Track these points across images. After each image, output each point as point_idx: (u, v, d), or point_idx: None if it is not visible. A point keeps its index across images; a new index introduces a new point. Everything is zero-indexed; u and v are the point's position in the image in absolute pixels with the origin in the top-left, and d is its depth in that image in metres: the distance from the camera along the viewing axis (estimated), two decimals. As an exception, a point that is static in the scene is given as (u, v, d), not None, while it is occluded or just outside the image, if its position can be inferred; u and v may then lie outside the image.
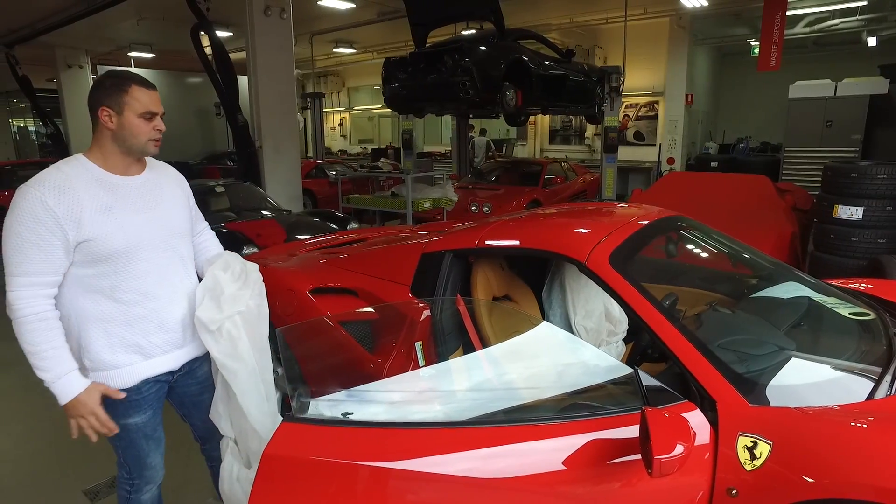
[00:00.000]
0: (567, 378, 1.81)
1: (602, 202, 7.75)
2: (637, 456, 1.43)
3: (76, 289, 1.65)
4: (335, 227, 5.86)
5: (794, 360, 1.81)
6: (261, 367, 1.81)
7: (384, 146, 17.25)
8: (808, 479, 1.37)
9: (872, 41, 11.52)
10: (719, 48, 14.28)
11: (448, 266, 2.40)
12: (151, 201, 1.76)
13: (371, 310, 2.60)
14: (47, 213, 1.55)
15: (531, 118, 13.37)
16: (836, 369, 1.82)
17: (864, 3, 10.06)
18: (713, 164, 11.87)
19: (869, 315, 2.18)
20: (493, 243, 2.39)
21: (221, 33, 8.41)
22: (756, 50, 10.47)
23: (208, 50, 7.88)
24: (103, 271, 1.65)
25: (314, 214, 6.78)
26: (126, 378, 1.72)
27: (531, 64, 7.07)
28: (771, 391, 1.63)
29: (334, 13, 11.20)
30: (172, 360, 1.82)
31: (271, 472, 1.47)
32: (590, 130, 14.27)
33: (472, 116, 10.29)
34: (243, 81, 7.95)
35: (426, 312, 2.27)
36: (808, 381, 1.74)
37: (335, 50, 15.36)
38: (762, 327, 2.09)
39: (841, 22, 11.01)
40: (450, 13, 7.51)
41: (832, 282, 2.65)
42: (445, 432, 1.56)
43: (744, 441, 1.49)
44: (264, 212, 6.44)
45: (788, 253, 4.61)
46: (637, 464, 1.44)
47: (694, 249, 2.73)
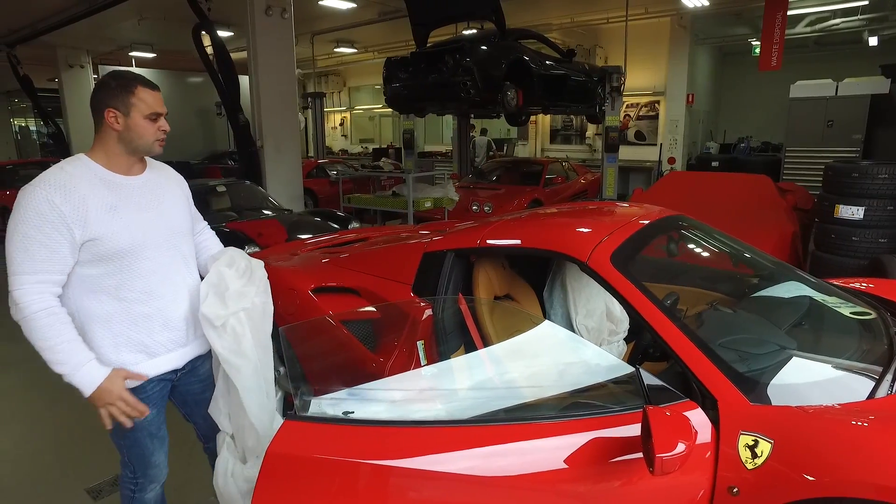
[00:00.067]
0: (568, 377, 1.81)
1: (603, 202, 7.75)
2: (639, 454, 1.44)
3: (80, 289, 1.65)
4: (336, 227, 5.87)
5: (796, 360, 1.81)
6: (263, 365, 1.81)
7: (385, 146, 17.25)
8: (809, 478, 1.37)
9: (874, 41, 11.50)
10: (720, 48, 14.27)
11: (450, 265, 2.40)
12: (154, 200, 1.77)
13: (373, 309, 2.60)
14: (54, 212, 1.55)
15: (532, 118, 13.36)
16: (837, 368, 1.82)
17: (866, 3, 10.05)
18: (714, 164, 11.88)
19: (870, 314, 2.18)
20: (495, 243, 2.39)
21: (222, 33, 8.43)
22: (757, 49, 10.47)
23: (209, 50, 7.90)
24: (108, 270, 1.66)
25: (315, 214, 6.79)
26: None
27: (532, 64, 7.08)
28: (772, 390, 1.64)
29: (335, 13, 11.21)
30: (176, 359, 1.82)
31: (275, 470, 1.47)
32: (591, 130, 14.27)
33: (473, 116, 10.29)
34: (244, 81, 7.98)
35: (428, 311, 2.27)
36: (810, 380, 1.74)
37: (336, 50, 15.36)
38: (763, 326, 2.09)
39: (842, 21, 11.00)
40: (451, 13, 7.50)
41: (833, 281, 2.66)
42: (447, 431, 1.56)
43: (745, 439, 1.49)
44: (265, 211, 6.46)
45: (789, 253, 4.61)
46: (639, 462, 1.44)
47: (695, 249, 2.73)
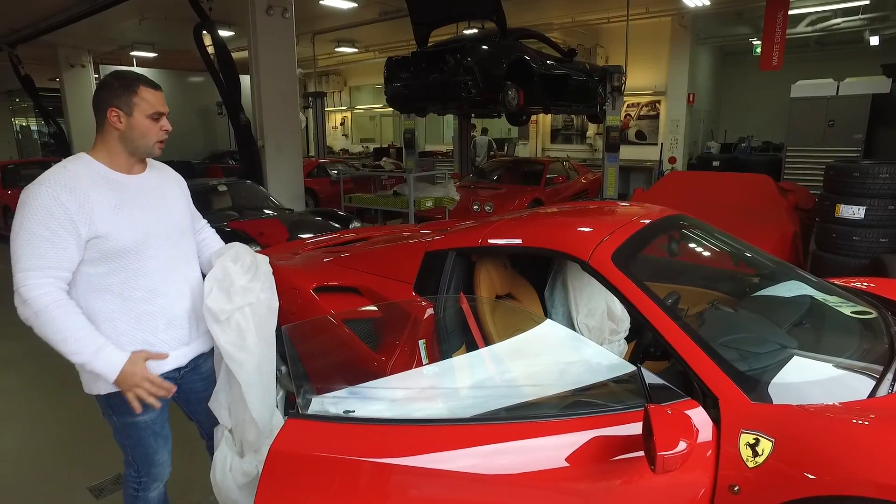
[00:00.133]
0: (570, 376, 1.82)
1: (604, 201, 7.75)
2: (640, 453, 1.44)
3: (85, 289, 1.66)
4: (337, 226, 5.87)
5: (797, 359, 1.82)
6: (266, 360, 1.81)
7: (386, 145, 17.26)
8: (810, 476, 1.38)
9: (875, 40, 11.49)
10: (721, 47, 14.26)
11: (451, 264, 2.40)
12: (156, 199, 1.78)
13: (374, 308, 2.61)
14: (60, 209, 1.55)
15: (533, 117, 13.37)
16: (838, 367, 1.82)
17: (867, 3, 10.05)
18: (715, 164, 11.88)
19: (871, 314, 2.18)
20: (497, 242, 2.39)
21: (224, 32, 8.42)
22: (758, 49, 10.46)
23: (211, 49, 7.90)
24: (113, 269, 1.66)
25: (316, 213, 6.79)
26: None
27: (533, 63, 7.08)
28: (773, 389, 1.64)
29: (336, 12, 11.22)
30: (180, 357, 1.83)
31: (277, 468, 1.48)
32: (591, 130, 14.27)
33: (474, 116, 10.30)
34: (245, 80, 7.98)
35: (429, 311, 2.27)
36: (810, 379, 1.74)
37: (337, 49, 15.37)
38: (764, 326, 2.10)
39: (843, 21, 11.00)
40: (452, 13, 7.52)
41: (834, 281, 2.66)
42: (449, 429, 1.56)
43: (746, 438, 1.49)
44: (267, 211, 6.46)
45: (790, 252, 4.61)
46: (640, 461, 1.44)
47: (696, 248, 2.74)
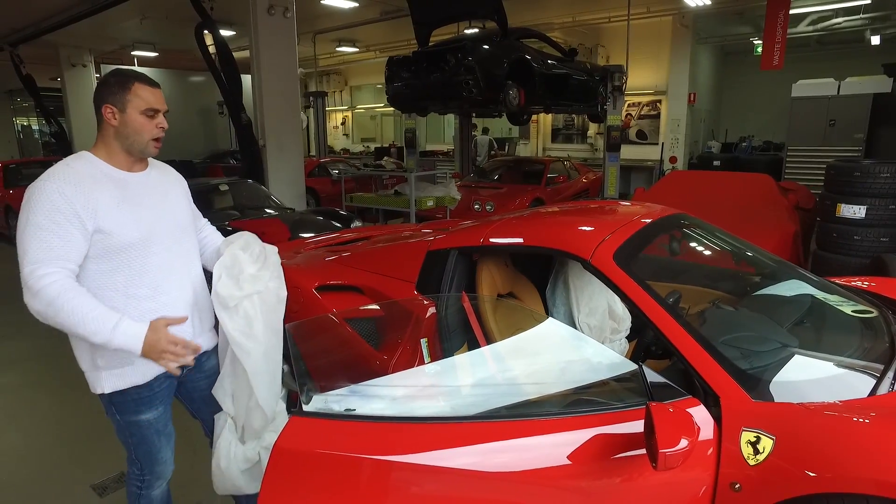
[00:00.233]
0: (571, 374, 1.83)
1: (605, 201, 7.76)
2: (641, 450, 1.44)
3: (89, 287, 1.65)
4: (339, 226, 5.87)
5: (797, 357, 1.83)
6: (273, 349, 1.81)
7: (387, 145, 17.27)
8: (811, 474, 1.39)
9: (876, 40, 11.48)
10: (722, 47, 14.26)
11: (453, 263, 2.41)
12: (158, 196, 1.79)
13: (376, 307, 2.62)
14: (66, 203, 1.56)
15: (533, 117, 13.38)
16: (839, 366, 1.83)
17: (868, 2, 10.04)
18: (716, 163, 11.89)
19: (871, 313, 2.19)
20: (498, 241, 2.40)
21: (225, 32, 8.43)
22: (759, 49, 10.46)
23: (212, 49, 7.91)
24: (117, 266, 1.67)
25: (318, 213, 6.80)
26: (139, 374, 1.73)
27: (534, 63, 7.09)
28: (774, 387, 1.65)
29: (337, 12, 11.22)
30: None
31: (282, 465, 1.49)
32: (592, 129, 14.28)
33: (475, 115, 10.30)
34: (247, 80, 7.99)
35: (431, 309, 2.28)
36: (811, 378, 1.75)
37: (338, 49, 15.38)
38: (765, 324, 2.10)
39: (844, 20, 11.00)
40: (453, 12, 7.51)
41: (835, 280, 2.67)
42: (452, 427, 1.57)
43: (747, 436, 1.50)
44: (268, 210, 6.46)
45: (791, 252, 4.61)
46: (641, 458, 1.45)
47: (697, 247, 2.74)
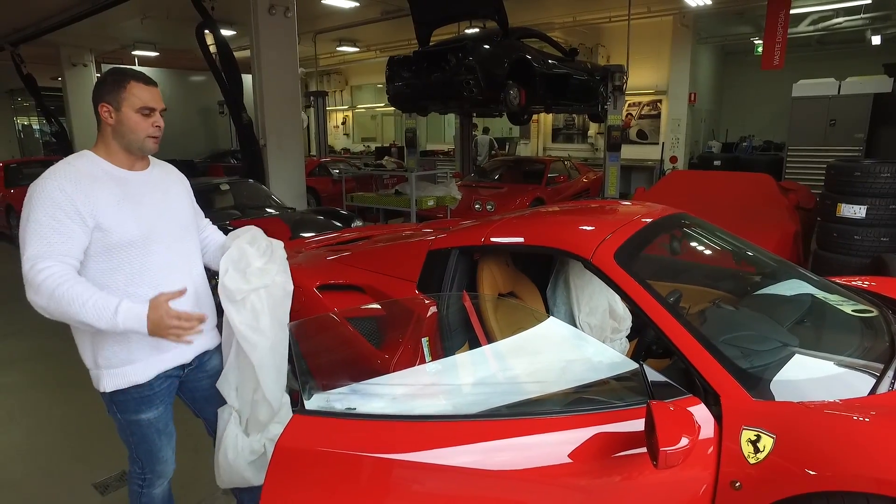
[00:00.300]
0: (572, 373, 1.83)
1: (605, 200, 7.76)
2: (642, 449, 1.45)
3: None
4: (339, 225, 5.88)
5: (798, 356, 1.83)
6: (279, 342, 1.82)
7: (387, 144, 17.27)
8: (811, 472, 1.39)
9: (876, 39, 11.48)
10: (723, 47, 14.26)
11: (454, 263, 2.41)
12: (159, 195, 1.80)
13: (378, 306, 2.62)
14: (66, 200, 1.57)
15: (534, 117, 13.37)
16: (839, 365, 1.84)
17: (868, 2, 10.04)
18: (716, 163, 11.90)
19: (871, 312, 2.20)
20: (499, 240, 2.41)
21: (226, 31, 8.43)
22: (760, 48, 10.47)
23: (213, 48, 7.92)
24: (117, 264, 1.67)
25: (318, 212, 6.80)
26: (140, 373, 1.74)
27: (535, 63, 7.09)
28: (774, 386, 1.66)
29: (338, 12, 11.23)
30: (186, 353, 1.84)
31: (284, 463, 1.49)
32: (593, 129, 14.27)
33: (476, 115, 10.30)
34: (247, 80, 7.99)
35: (432, 308, 2.29)
36: (811, 377, 1.76)
37: (338, 48, 15.38)
38: (766, 324, 2.11)
39: (845, 20, 10.99)
40: (453, 12, 7.51)
41: (835, 279, 2.67)
42: (453, 425, 1.58)
43: (747, 435, 1.51)
44: (269, 210, 6.47)
45: (791, 251, 4.62)
46: (642, 457, 1.45)
47: (698, 247, 2.75)
